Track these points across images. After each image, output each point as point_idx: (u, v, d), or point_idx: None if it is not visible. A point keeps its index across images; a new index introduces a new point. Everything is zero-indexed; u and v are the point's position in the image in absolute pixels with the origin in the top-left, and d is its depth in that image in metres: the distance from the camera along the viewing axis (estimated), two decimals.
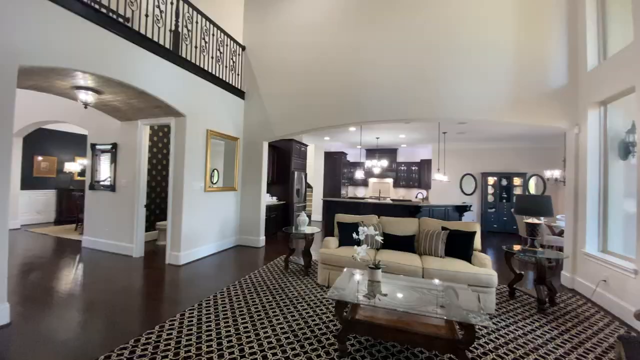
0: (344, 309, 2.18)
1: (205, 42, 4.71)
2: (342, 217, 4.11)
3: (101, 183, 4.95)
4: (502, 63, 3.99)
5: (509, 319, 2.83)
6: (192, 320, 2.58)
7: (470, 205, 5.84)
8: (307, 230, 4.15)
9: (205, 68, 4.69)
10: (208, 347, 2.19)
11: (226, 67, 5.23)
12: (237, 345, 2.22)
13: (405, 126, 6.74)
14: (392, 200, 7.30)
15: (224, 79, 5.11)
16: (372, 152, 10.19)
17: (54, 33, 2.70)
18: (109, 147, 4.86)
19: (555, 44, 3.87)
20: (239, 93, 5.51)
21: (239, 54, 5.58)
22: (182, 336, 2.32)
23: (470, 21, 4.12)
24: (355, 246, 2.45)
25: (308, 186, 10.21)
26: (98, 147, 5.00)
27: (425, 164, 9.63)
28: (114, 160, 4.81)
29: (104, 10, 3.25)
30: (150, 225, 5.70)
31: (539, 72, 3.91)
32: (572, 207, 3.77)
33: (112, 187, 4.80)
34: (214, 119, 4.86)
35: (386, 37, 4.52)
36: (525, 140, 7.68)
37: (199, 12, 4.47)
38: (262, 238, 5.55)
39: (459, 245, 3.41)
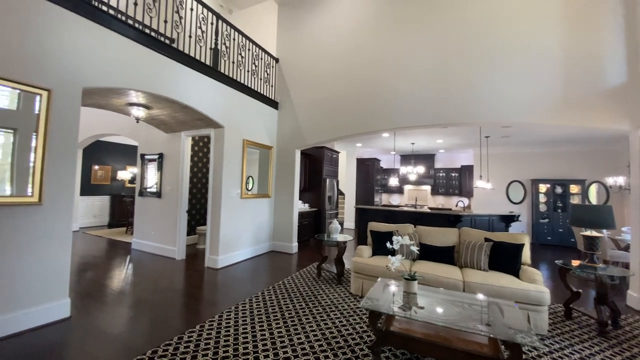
0: (378, 319, 2.12)
1: (242, 57, 4.97)
2: (375, 226, 4.03)
3: (148, 190, 5.38)
4: (549, 62, 3.70)
5: (564, 341, 2.54)
6: (229, 322, 2.67)
7: (519, 215, 5.39)
8: (340, 238, 4.12)
9: (242, 81, 4.94)
10: (244, 348, 2.24)
11: (261, 79, 5.47)
12: (271, 349, 2.25)
13: (442, 131, 6.47)
14: (430, 208, 6.99)
15: (258, 90, 5.34)
16: (407, 158, 9.90)
17: (112, 57, 3.03)
18: (156, 156, 5.29)
19: (610, 38, 3.50)
20: (273, 103, 5.71)
21: (272, 66, 5.80)
22: (221, 336, 2.41)
23: (510, 20, 3.90)
24: (389, 256, 2.38)
25: (340, 193, 10.19)
26: (147, 156, 5.46)
27: (466, 170, 9.14)
28: (160, 168, 5.22)
29: (153, 34, 3.58)
30: (191, 230, 6.05)
31: (591, 70, 3.55)
32: (639, 218, 3.32)
33: (158, 194, 5.20)
34: (250, 129, 5.07)
35: (420, 41, 4.43)
36: (582, 144, 6.96)
37: (236, 29, 4.74)
38: (295, 244, 5.61)
39: (504, 258, 3.16)
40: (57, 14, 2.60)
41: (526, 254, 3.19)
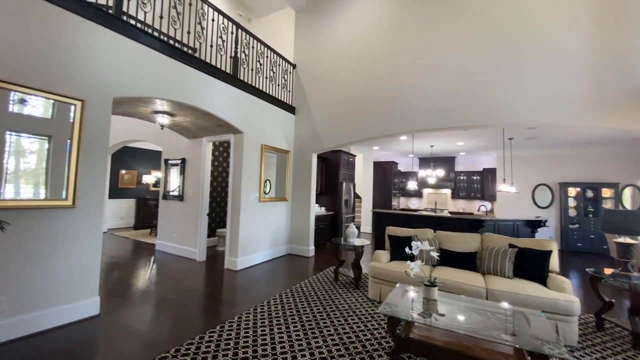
0: (396, 326, 2.09)
1: (260, 64, 5.10)
2: (393, 230, 3.98)
3: (171, 193, 5.59)
4: (577, 60, 3.54)
5: (595, 353, 2.40)
6: (248, 324, 2.72)
7: (546, 221, 5.14)
8: (357, 242, 4.10)
9: (260, 88, 5.05)
10: (263, 350, 2.28)
11: (278, 85, 5.57)
12: (289, 352, 2.27)
13: (463, 133, 6.31)
14: (450, 212, 6.81)
15: (276, 96, 5.44)
16: (426, 160, 9.71)
17: (140, 68, 3.20)
18: (179, 161, 5.49)
19: None
20: (290, 108, 5.79)
21: (290, 72, 5.90)
22: (240, 337, 2.46)
23: (535, 18, 3.77)
24: (408, 261, 2.34)
25: (357, 197, 10.13)
26: (170, 161, 5.68)
27: (488, 174, 8.84)
28: (182, 173, 5.41)
29: (177, 45, 3.75)
30: (211, 232, 6.21)
31: (624, 68, 3.37)
32: None
33: (180, 197, 5.39)
34: (268, 134, 5.17)
35: (439, 42, 4.37)
36: (615, 145, 6.56)
37: (254, 37, 4.87)
38: (312, 248, 5.63)
39: (530, 266, 3.03)
40: (90, 29, 2.78)
41: (554, 261, 3.05)
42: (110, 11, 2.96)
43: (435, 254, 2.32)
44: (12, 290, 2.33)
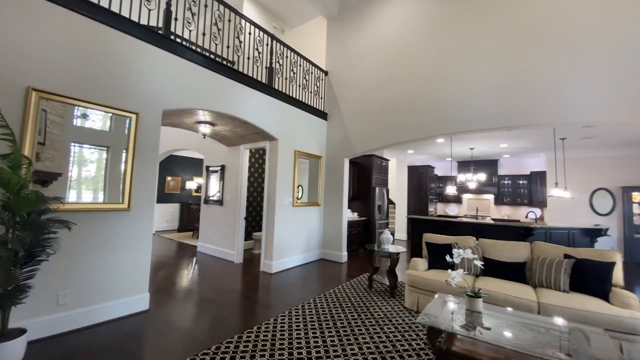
0: (437, 337, 1.99)
1: (294, 73, 5.24)
2: (431, 237, 3.82)
3: (211, 198, 5.91)
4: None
5: None
6: (283, 326, 2.76)
7: (607, 229, 4.60)
8: (392, 249, 3.99)
9: (294, 96, 5.18)
10: (299, 354, 2.29)
11: (311, 92, 5.68)
12: (325, 357, 2.26)
13: (507, 134, 5.91)
14: (493, 219, 6.35)
15: (309, 103, 5.54)
16: (466, 164, 9.20)
17: (185, 82, 3.46)
18: (218, 168, 5.80)
19: None
20: (322, 115, 5.86)
21: (322, 79, 5.99)
22: (276, 339, 2.50)
23: (591, 8, 3.44)
24: (449, 270, 2.23)
25: (390, 202, 9.89)
26: (210, 168, 6.02)
27: (537, 177, 8.15)
28: (222, 179, 5.71)
29: (217, 59, 3.99)
30: (247, 235, 6.44)
31: None
32: None
33: (220, 202, 5.68)
34: (301, 140, 5.27)
35: (479, 41, 4.16)
36: None
37: (288, 47, 5.03)
38: (345, 254, 5.59)
39: (589, 278, 2.72)
40: (143, 49, 3.08)
41: (618, 274, 2.71)
42: (160, 31, 3.25)
43: (479, 263, 2.18)
44: (75, 285, 2.61)
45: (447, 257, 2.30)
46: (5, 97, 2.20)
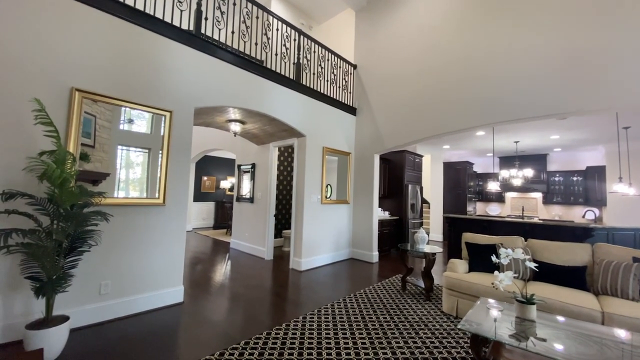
0: (482, 346, 1.77)
1: (322, 68, 5.16)
2: (472, 237, 3.51)
3: (243, 196, 6.02)
4: None
5: None
6: (312, 325, 2.68)
7: None
8: (427, 249, 3.74)
9: (322, 91, 5.10)
10: (328, 354, 2.19)
11: (339, 87, 5.55)
12: (355, 359, 2.13)
13: (559, 124, 5.33)
14: (542, 220, 5.75)
15: (337, 98, 5.43)
16: (509, 160, 8.49)
17: (215, 80, 3.52)
18: (249, 166, 5.90)
19: None
20: (351, 110, 5.71)
21: (350, 73, 5.84)
22: (305, 338, 2.42)
23: None
24: (496, 272, 1.99)
25: (424, 202, 9.43)
26: (242, 167, 6.15)
27: (594, 173, 7.28)
28: (252, 177, 5.79)
29: (246, 57, 4.02)
30: (277, 233, 6.49)
31: None
32: None
33: (251, 199, 5.77)
34: (329, 137, 5.17)
35: (524, 18, 3.75)
36: None
37: (315, 42, 4.95)
38: (376, 254, 5.39)
39: None
40: (176, 49, 3.18)
41: None
42: (192, 31, 3.33)
43: (532, 264, 1.91)
44: (115, 275, 2.75)
45: (493, 258, 2.05)
46: (50, 97, 2.36)
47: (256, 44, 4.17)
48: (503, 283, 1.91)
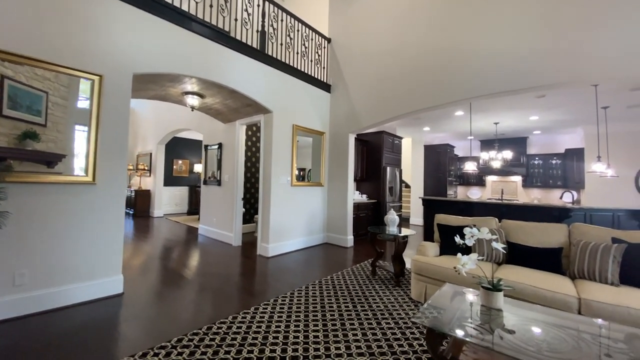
0: (440, 342, 1.51)
1: (291, 39, 4.70)
2: (444, 219, 3.28)
3: (210, 179, 5.61)
4: None
5: None
6: (263, 317, 2.39)
7: None
8: (403, 232, 3.48)
9: (291, 64, 4.66)
10: (272, 351, 1.91)
11: (311, 61, 5.12)
12: (302, 357, 1.85)
13: (538, 104, 5.12)
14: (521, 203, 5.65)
15: (309, 73, 5.00)
16: (489, 143, 8.32)
17: (160, 43, 3.05)
18: (216, 147, 5.46)
19: None
20: (325, 86, 5.31)
21: (324, 47, 5.40)
22: (250, 333, 2.13)
23: None
24: (459, 254, 1.72)
25: (406, 186, 9.25)
26: (209, 148, 5.70)
27: (573, 156, 7.21)
28: (219, 158, 5.37)
29: (199, 19, 3.54)
30: (250, 218, 6.16)
31: None
32: None
33: (218, 182, 5.36)
34: (300, 114, 4.78)
35: None
36: None
37: (284, 10, 4.47)
38: (350, 238, 5.14)
39: None
40: (110, 3, 2.68)
41: None
42: None
43: (499, 246, 1.65)
44: (34, 264, 2.36)
45: (457, 239, 1.78)
46: None
47: (211, 6, 3.68)
48: (466, 267, 1.64)
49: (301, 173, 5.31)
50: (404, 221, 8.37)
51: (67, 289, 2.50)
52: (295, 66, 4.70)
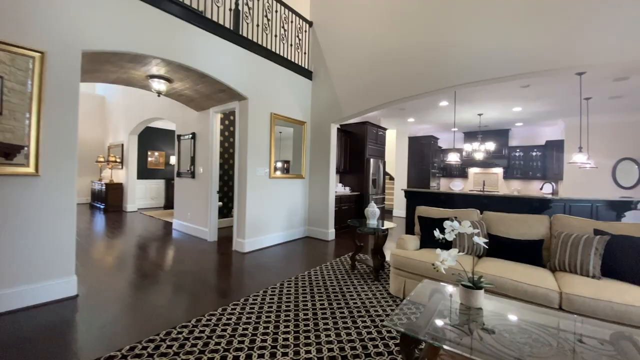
0: (415, 347, 1.37)
1: (268, 20, 4.41)
2: (425, 211, 3.16)
3: (184, 171, 5.29)
4: None
5: None
6: (230, 319, 2.20)
7: (638, 202, 3.87)
8: (380, 224, 3.35)
9: (269, 47, 4.38)
10: (235, 357, 1.73)
11: (291, 45, 4.85)
12: None
13: (522, 94, 5.07)
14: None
15: (289, 58, 4.73)
16: (473, 135, 8.33)
17: (115, 18, 2.72)
18: (189, 136, 5.13)
19: None
20: (306, 73, 5.06)
21: (305, 31, 5.13)
22: (213, 338, 1.94)
23: None
24: (438, 250, 1.58)
25: (390, 178, 9.18)
26: (182, 138, 5.36)
27: (553, 148, 7.28)
28: (193, 149, 5.05)
29: None
30: (228, 212, 5.90)
31: None
32: None
33: (192, 174, 5.06)
34: (279, 102, 4.53)
35: None
36: None
37: None
38: (332, 231, 4.99)
39: (629, 261, 2.05)
40: None
41: None
42: None
43: (481, 240, 1.52)
44: None
45: (436, 233, 1.63)
46: None
47: None
48: (446, 263, 1.50)
49: (285, 165, 5.06)
50: (388, 214, 8.31)
51: (7, 292, 2.22)
52: (273, 50, 4.42)
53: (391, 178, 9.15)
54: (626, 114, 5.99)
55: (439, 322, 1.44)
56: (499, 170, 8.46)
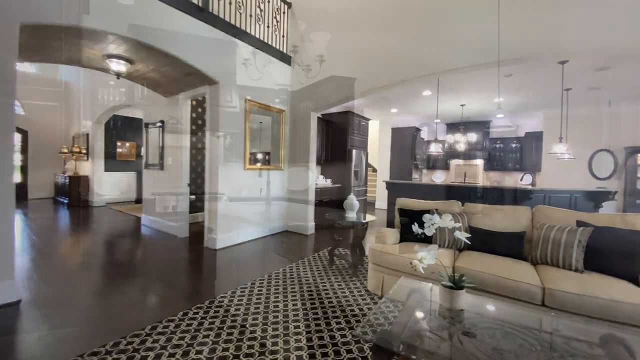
0: (390, 357, 1.20)
1: None
2: (405, 203, 3.01)
3: (151, 162, 4.93)
4: None
5: None
6: (191, 325, 1.97)
7: (615, 192, 3.91)
8: (359, 218, 3.18)
9: (242, 28, 4.06)
10: None
11: (268, 27, 4.53)
12: None
13: (505, 84, 4.99)
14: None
15: (265, 41, 4.43)
16: (455, 126, 8.29)
17: None
18: (158, 124, 4.76)
19: None
20: (285, 58, 4.77)
21: (283, 12, 4.81)
22: (168, 348, 1.70)
23: None
24: (416, 246, 1.41)
25: (373, 170, 9.07)
26: (150, 126, 4.97)
27: (532, 139, 7.34)
28: (161, 138, 4.69)
29: None
30: (202, 206, 5.59)
31: None
32: None
33: (161, 166, 4.71)
34: (254, 88, 4.23)
35: None
36: None
37: None
38: (312, 225, 4.81)
39: (612, 254, 1.97)
40: None
41: None
42: None
43: (463, 236, 1.37)
44: None
45: (414, 227, 1.46)
46: None
47: None
48: (425, 261, 1.33)
49: (267, 157, 4.74)
50: (370, 206, 8.22)
51: None
52: (248, 31, 4.10)
53: (374, 170, 9.05)
54: (603, 106, 6.08)
55: (416, 328, 1.28)
56: (479, 162, 8.51)
